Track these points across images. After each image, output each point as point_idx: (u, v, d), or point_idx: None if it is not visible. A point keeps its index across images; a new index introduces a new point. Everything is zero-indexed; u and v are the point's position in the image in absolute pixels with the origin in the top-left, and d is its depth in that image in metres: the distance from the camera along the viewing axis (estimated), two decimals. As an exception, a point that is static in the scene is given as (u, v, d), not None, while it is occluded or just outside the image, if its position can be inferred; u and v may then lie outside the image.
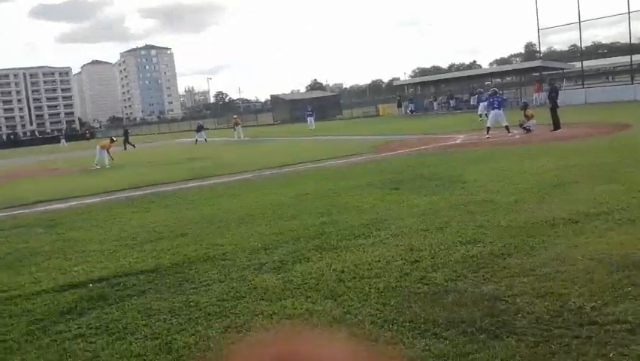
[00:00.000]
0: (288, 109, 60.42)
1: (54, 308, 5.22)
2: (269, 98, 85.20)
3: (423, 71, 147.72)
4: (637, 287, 4.33)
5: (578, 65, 43.13)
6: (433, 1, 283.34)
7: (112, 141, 23.94)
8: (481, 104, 29.48)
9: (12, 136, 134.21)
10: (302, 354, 0.53)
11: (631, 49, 39.79)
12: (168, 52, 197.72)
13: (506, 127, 18.71)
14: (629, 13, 35.68)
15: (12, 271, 6.69)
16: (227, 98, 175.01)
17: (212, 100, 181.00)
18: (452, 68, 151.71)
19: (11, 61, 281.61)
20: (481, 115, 28.46)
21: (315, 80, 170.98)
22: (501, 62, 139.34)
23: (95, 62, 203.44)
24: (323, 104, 59.02)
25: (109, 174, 19.46)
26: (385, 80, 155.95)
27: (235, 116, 41.08)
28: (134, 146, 36.17)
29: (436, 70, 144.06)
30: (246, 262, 6.17)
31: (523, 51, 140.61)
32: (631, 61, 39.07)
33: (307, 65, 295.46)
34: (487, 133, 18.88)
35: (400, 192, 9.69)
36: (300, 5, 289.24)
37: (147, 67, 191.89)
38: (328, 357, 0.53)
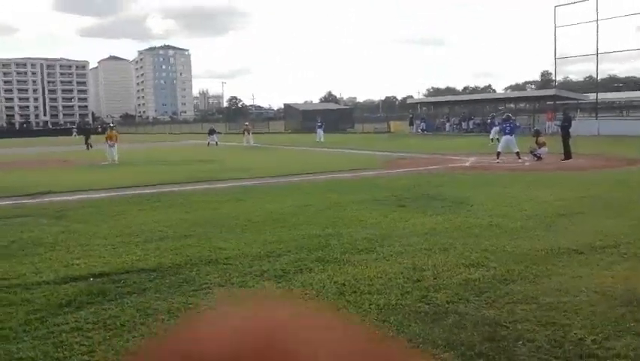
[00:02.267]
0: (300, 119, 60.48)
1: (53, 300, 5.22)
2: (282, 106, 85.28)
3: (437, 91, 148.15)
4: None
5: (592, 96, 43.11)
6: (451, 21, 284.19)
7: (111, 129, 24.48)
8: (493, 128, 29.51)
9: (24, 125, 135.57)
10: (288, 335, 0.46)
11: (647, 84, 39.72)
12: (186, 53, 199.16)
13: (517, 153, 18.66)
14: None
15: (14, 260, 6.71)
16: (241, 103, 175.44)
17: (225, 104, 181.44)
18: (466, 90, 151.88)
19: (31, 51, 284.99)
20: (492, 139, 28.46)
21: (330, 92, 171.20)
22: (516, 88, 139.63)
23: (112, 58, 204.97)
24: (336, 116, 59.08)
25: (118, 170, 19.54)
26: (399, 97, 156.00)
27: (246, 123, 41.11)
28: (91, 146, 33.88)
29: (450, 91, 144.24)
30: (248, 268, 6.16)
31: (538, 79, 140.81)
32: (646, 96, 38.99)
33: (322, 77, 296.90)
34: (498, 158, 18.86)
35: (406, 209, 9.67)
36: (319, 18, 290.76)
37: (164, 66, 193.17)
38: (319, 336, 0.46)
